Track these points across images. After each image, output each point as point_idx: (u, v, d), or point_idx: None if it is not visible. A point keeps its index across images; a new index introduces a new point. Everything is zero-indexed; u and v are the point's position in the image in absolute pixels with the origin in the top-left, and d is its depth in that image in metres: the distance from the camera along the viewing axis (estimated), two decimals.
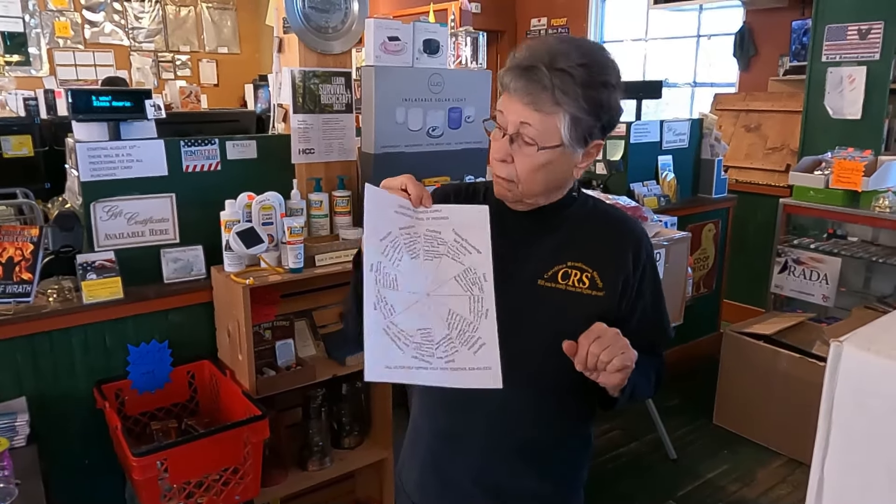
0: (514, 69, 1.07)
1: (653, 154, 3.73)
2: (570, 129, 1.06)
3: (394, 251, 1.05)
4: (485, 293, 1.05)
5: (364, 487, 2.64)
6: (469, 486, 1.23)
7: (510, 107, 1.08)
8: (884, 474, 0.62)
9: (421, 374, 1.04)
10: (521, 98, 1.06)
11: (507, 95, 1.08)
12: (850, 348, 0.63)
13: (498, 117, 1.10)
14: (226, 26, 8.00)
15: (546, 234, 1.18)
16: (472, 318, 1.05)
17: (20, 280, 2.00)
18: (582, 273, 1.15)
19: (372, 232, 1.05)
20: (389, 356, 1.03)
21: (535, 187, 1.12)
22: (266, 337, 2.25)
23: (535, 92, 1.04)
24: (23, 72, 6.63)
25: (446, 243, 1.07)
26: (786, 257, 3.46)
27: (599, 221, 1.21)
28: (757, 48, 5.19)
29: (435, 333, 1.05)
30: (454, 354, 1.04)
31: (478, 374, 1.04)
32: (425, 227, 1.07)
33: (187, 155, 2.28)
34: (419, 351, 1.04)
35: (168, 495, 1.82)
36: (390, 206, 1.06)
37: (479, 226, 1.07)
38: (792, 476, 3.02)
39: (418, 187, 1.06)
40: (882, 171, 3.17)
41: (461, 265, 1.06)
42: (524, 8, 6.92)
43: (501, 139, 1.09)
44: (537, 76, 1.04)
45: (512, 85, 1.07)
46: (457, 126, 2.58)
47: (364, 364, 1.02)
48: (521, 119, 1.06)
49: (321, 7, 2.37)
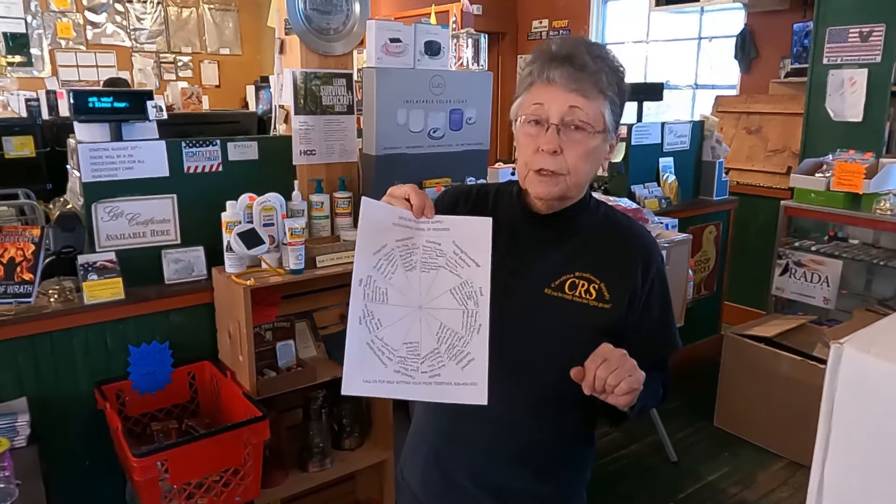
0: (552, 59, 1.06)
1: (654, 156, 3.73)
2: (610, 114, 1.08)
3: (387, 264, 1.04)
4: (479, 308, 1.04)
5: (364, 489, 2.64)
6: (471, 487, 1.23)
7: (553, 96, 1.06)
8: (884, 477, 0.62)
9: (401, 388, 1.04)
10: (566, 85, 1.05)
11: (546, 85, 1.07)
12: (850, 351, 0.63)
13: (537, 110, 1.08)
14: (227, 27, 8.01)
15: (557, 243, 1.17)
16: (463, 332, 1.04)
17: (21, 280, 2.00)
18: (589, 284, 1.14)
19: (364, 246, 1.04)
20: (370, 370, 1.03)
21: (581, 178, 1.11)
22: (267, 338, 2.25)
23: (580, 78, 1.05)
24: (25, 72, 6.64)
25: (445, 255, 1.05)
26: (787, 259, 3.46)
27: (611, 233, 1.20)
28: (758, 50, 5.18)
29: (422, 347, 1.04)
30: (440, 369, 1.03)
31: (463, 390, 1.03)
32: (425, 238, 1.06)
33: (189, 156, 2.28)
34: (402, 365, 1.03)
35: (168, 496, 1.82)
36: (389, 218, 1.05)
37: (481, 238, 1.05)
38: (793, 478, 3.01)
39: (421, 198, 1.05)
40: (883, 173, 3.17)
41: (458, 278, 1.05)
42: (525, 10, 6.92)
43: (546, 132, 1.07)
44: (581, 63, 1.05)
45: (553, 74, 1.06)
46: (458, 128, 2.58)
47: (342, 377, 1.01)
48: (569, 104, 1.05)
49: (323, 8, 2.38)
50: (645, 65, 6.27)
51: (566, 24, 6.61)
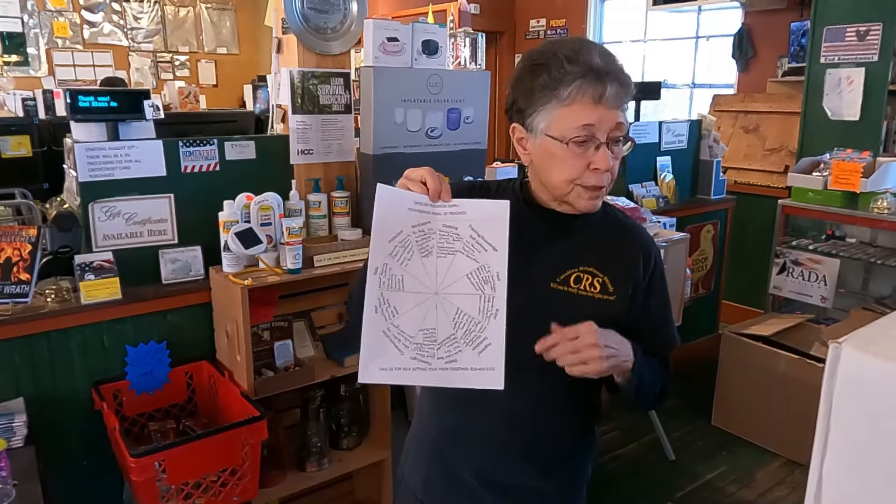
0: (599, 75, 1.03)
1: (651, 155, 3.73)
2: (628, 119, 1.12)
3: (403, 251, 1.03)
4: (496, 292, 1.03)
5: (362, 488, 2.64)
6: (474, 483, 1.24)
7: (603, 115, 1.05)
8: (883, 475, 0.62)
9: (418, 375, 1.03)
10: (616, 104, 1.05)
11: (595, 104, 1.04)
12: (848, 350, 0.63)
13: (587, 130, 1.05)
14: (225, 27, 8.00)
15: (560, 237, 1.18)
16: (480, 317, 1.03)
17: (18, 280, 1.99)
18: (594, 278, 1.15)
19: (380, 233, 1.03)
20: (386, 358, 1.02)
21: (611, 184, 1.14)
22: (264, 338, 2.25)
23: (626, 95, 1.06)
24: (21, 72, 6.62)
25: (462, 239, 1.04)
26: (784, 258, 3.46)
27: (612, 227, 1.22)
28: (756, 49, 5.19)
29: (439, 333, 1.03)
30: (457, 354, 1.03)
31: (480, 375, 1.02)
32: (441, 222, 1.04)
33: (186, 155, 2.28)
34: (419, 352, 1.03)
35: (166, 496, 1.81)
36: (404, 203, 1.04)
37: (498, 221, 1.04)
38: (791, 477, 3.02)
39: (437, 181, 1.04)
40: (880, 172, 3.18)
41: (475, 262, 1.04)
42: (523, 9, 6.92)
43: (597, 150, 1.07)
44: (624, 79, 1.06)
45: (605, 93, 1.03)
46: (455, 127, 2.58)
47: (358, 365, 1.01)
48: (616, 121, 1.06)
49: (320, 8, 2.37)
50: (642, 64, 6.28)
51: (563, 23, 6.61)
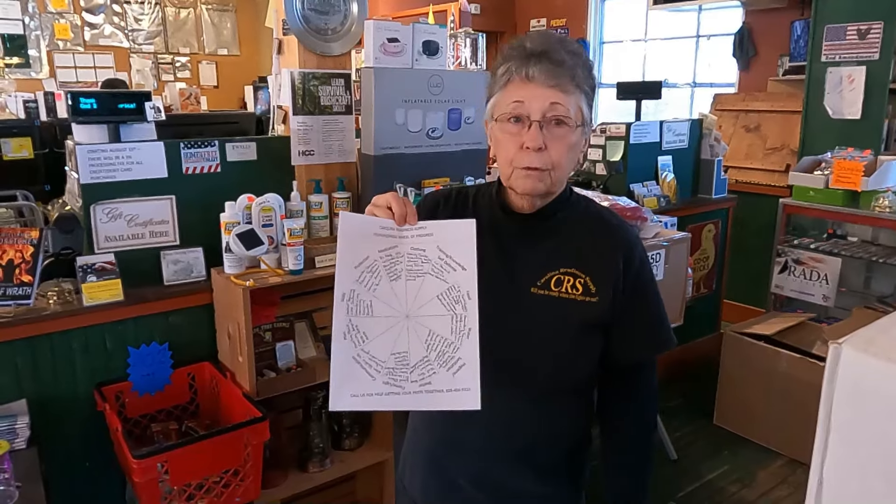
0: (529, 56, 1.07)
1: (652, 155, 3.73)
2: (586, 107, 1.10)
3: (371, 276, 1.03)
4: (468, 312, 1.02)
5: (364, 489, 2.64)
6: (470, 489, 1.23)
7: (532, 93, 1.07)
8: (883, 475, 0.62)
9: (391, 399, 1.02)
10: (545, 81, 1.06)
11: (524, 83, 1.07)
12: (848, 350, 0.63)
13: (517, 108, 1.08)
14: (225, 28, 8.00)
15: (539, 240, 1.17)
16: (453, 338, 1.02)
17: (20, 282, 2.00)
18: (575, 279, 1.14)
19: (345, 260, 1.02)
20: (357, 384, 1.01)
21: (563, 173, 1.13)
22: (266, 339, 2.25)
23: (558, 74, 1.06)
24: (22, 74, 6.63)
25: (430, 261, 1.03)
26: (786, 257, 3.46)
27: (592, 226, 1.20)
28: (756, 48, 5.19)
29: (411, 356, 1.02)
30: (431, 377, 1.02)
31: (456, 396, 1.01)
32: (409, 245, 1.04)
33: (187, 157, 2.28)
34: (391, 376, 1.02)
35: (168, 497, 1.82)
36: (370, 229, 1.03)
37: (466, 241, 1.03)
38: (792, 477, 3.01)
39: (402, 205, 1.04)
40: (882, 170, 3.17)
41: (445, 283, 1.03)
42: (523, 9, 6.92)
43: (529, 129, 1.08)
44: (558, 58, 1.06)
45: (532, 71, 1.06)
46: (456, 127, 2.58)
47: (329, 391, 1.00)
48: (549, 101, 1.06)
49: (320, 9, 2.37)
50: (643, 63, 6.27)
51: (564, 22, 6.61)
